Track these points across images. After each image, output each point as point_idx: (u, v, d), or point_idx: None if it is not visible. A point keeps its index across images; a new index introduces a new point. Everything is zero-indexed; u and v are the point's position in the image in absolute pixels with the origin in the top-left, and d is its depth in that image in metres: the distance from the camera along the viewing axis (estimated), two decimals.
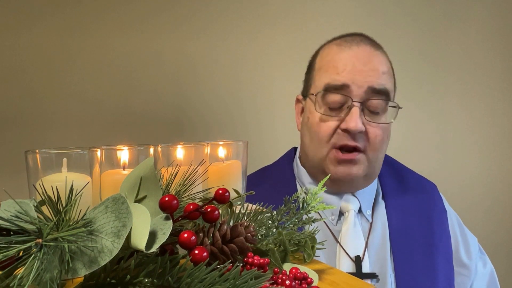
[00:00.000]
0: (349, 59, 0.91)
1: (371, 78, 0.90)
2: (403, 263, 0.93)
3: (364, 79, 0.90)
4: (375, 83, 0.90)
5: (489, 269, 1.03)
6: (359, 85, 0.90)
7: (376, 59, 0.93)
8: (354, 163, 0.92)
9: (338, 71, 0.91)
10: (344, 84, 0.90)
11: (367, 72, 0.90)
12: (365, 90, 0.90)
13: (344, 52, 0.93)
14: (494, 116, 1.71)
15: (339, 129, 0.91)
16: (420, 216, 0.99)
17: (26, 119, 1.31)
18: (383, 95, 0.92)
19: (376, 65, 0.92)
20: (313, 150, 0.96)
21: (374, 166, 0.96)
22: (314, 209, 0.59)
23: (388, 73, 0.94)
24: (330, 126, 0.92)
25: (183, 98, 1.44)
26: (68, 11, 1.34)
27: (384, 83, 0.92)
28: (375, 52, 0.94)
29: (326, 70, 0.94)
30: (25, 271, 0.34)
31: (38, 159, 0.50)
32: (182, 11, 1.43)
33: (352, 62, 0.91)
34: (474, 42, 1.68)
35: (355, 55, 0.92)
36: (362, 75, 0.90)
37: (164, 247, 0.43)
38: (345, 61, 0.91)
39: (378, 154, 0.95)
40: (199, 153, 0.61)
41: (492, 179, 1.71)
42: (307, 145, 0.98)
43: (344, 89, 0.90)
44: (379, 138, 0.93)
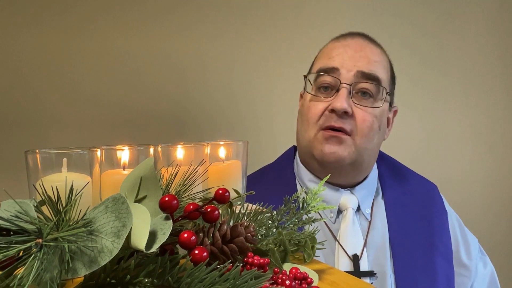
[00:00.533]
0: (342, 47, 0.96)
1: (361, 63, 0.93)
2: (403, 263, 0.93)
3: (354, 64, 0.93)
4: (364, 68, 0.93)
5: (489, 269, 1.03)
6: (348, 69, 0.93)
7: (368, 49, 0.96)
8: (339, 141, 0.92)
9: (330, 56, 0.96)
10: (333, 67, 0.94)
11: (357, 58, 0.94)
12: (354, 73, 0.93)
13: (339, 42, 0.99)
14: (493, 115, 1.71)
15: (326, 110, 0.93)
16: (420, 216, 0.99)
17: (26, 119, 1.31)
18: (373, 82, 0.93)
19: (367, 53, 0.95)
20: (303, 132, 0.98)
21: (363, 155, 0.95)
22: (314, 209, 0.59)
23: (380, 63, 0.96)
24: (318, 107, 0.94)
25: (183, 98, 1.44)
26: (68, 12, 1.34)
27: (375, 70, 0.94)
28: (368, 44, 0.98)
29: (320, 57, 1.00)
30: (25, 271, 0.34)
31: (38, 159, 0.50)
32: (182, 12, 1.43)
33: (344, 49, 0.96)
34: (472, 42, 1.68)
35: (348, 44, 0.97)
36: (352, 59, 0.94)
37: (164, 247, 0.43)
38: (338, 49, 0.97)
39: (366, 142, 0.94)
40: (199, 153, 0.61)
41: (491, 179, 1.71)
42: (299, 129, 1.00)
43: (334, 72, 0.94)
44: (367, 123, 0.93)
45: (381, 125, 0.96)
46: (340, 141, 0.92)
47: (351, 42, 0.97)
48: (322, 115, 0.93)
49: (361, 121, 0.92)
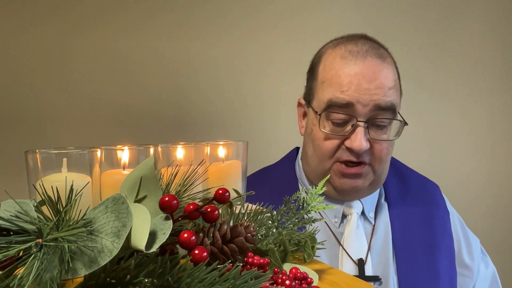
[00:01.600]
0: (355, 76, 0.87)
1: (377, 96, 0.87)
2: (406, 265, 0.92)
3: (370, 98, 0.86)
4: (381, 101, 0.87)
5: (491, 270, 1.03)
6: (364, 104, 0.86)
7: (382, 74, 0.88)
8: (359, 176, 0.91)
9: (342, 88, 0.87)
10: (348, 103, 0.87)
11: (373, 90, 0.87)
12: (371, 108, 0.87)
13: (349, 67, 0.88)
14: (494, 115, 1.70)
15: (343, 145, 0.90)
16: (423, 217, 0.99)
17: (26, 119, 1.31)
18: (389, 111, 0.89)
19: (383, 81, 0.88)
20: (315, 162, 0.94)
21: (380, 176, 0.95)
22: (314, 209, 0.59)
23: (394, 87, 0.90)
24: (334, 143, 0.90)
25: (184, 98, 1.44)
26: (68, 12, 1.34)
27: (391, 99, 0.88)
28: (381, 65, 0.89)
29: (329, 85, 0.90)
30: (25, 271, 0.34)
31: (38, 159, 0.50)
32: (183, 11, 1.43)
33: (358, 80, 0.87)
34: (473, 41, 1.68)
35: (361, 72, 0.87)
36: (367, 93, 0.86)
37: (164, 247, 0.43)
38: (350, 78, 0.87)
39: (383, 165, 0.93)
40: (199, 153, 0.61)
41: (492, 179, 1.70)
42: (310, 156, 0.96)
43: (349, 107, 0.87)
44: (385, 152, 0.91)
45: (393, 144, 0.95)
46: (360, 176, 0.91)
47: (363, 68, 0.87)
48: (338, 149, 0.90)
49: (379, 151, 0.91)
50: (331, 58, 0.92)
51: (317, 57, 0.98)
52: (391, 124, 0.92)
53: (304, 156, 1.00)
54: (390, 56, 0.94)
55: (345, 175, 0.91)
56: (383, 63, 0.90)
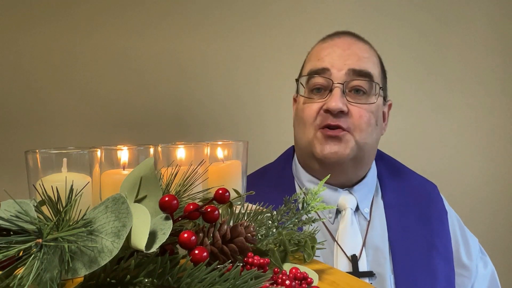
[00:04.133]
0: (330, 47, 0.97)
1: (350, 61, 0.93)
2: (403, 263, 0.93)
3: (344, 62, 0.93)
4: (355, 65, 0.93)
5: (490, 270, 1.03)
6: (339, 68, 0.93)
7: (355, 46, 0.96)
8: (339, 140, 0.92)
9: (319, 57, 0.96)
10: (324, 68, 0.94)
11: (346, 56, 0.94)
12: (346, 72, 0.93)
13: (326, 43, 0.99)
14: (496, 116, 1.70)
15: (321, 110, 0.93)
16: (420, 217, 0.99)
17: (26, 119, 1.31)
18: (366, 78, 0.94)
19: (356, 51, 0.95)
20: (300, 134, 0.98)
21: (363, 150, 0.95)
22: (314, 209, 0.59)
23: (369, 59, 0.96)
24: (313, 108, 0.94)
25: (184, 98, 1.44)
26: (69, 12, 1.34)
27: (365, 66, 0.94)
28: (356, 41, 0.98)
29: (309, 60, 1.00)
30: (25, 271, 0.34)
31: (38, 159, 0.50)
32: (184, 12, 1.43)
33: (333, 49, 0.96)
34: (477, 40, 1.68)
35: (335, 44, 0.97)
36: (341, 58, 0.94)
37: (164, 247, 0.43)
38: (326, 49, 0.97)
39: (365, 137, 0.94)
40: (199, 153, 0.61)
41: (495, 179, 1.70)
42: (296, 132, 1.01)
43: (325, 73, 0.94)
44: (365, 119, 0.93)
45: (378, 120, 0.97)
46: (340, 139, 0.92)
47: (338, 41, 0.97)
48: (317, 115, 0.94)
49: (358, 117, 0.93)
50: (315, 46, 1.03)
51: None
52: (371, 94, 0.95)
53: (295, 139, 1.03)
54: (369, 45, 1.01)
55: (325, 138, 0.93)
56: (358, 41, 0.99)
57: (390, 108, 1.04)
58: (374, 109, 0.95)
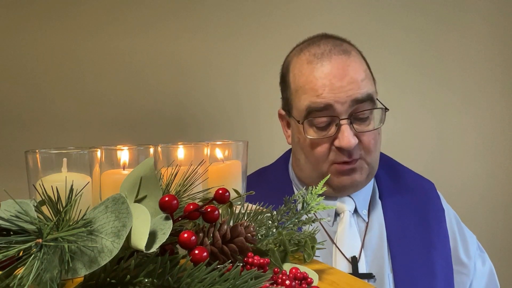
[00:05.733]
0: (326, 78, 0.89)
1: (352, 91, 0.88)
2: (401, 263, 0.93)
3: (346, 94, 0.88)
4: (357, 95, 0.89)
5: (488, 267, 1.03)
6: (342, 102, 0.88)
7: (351, 69, 0.90)
8: (355, 171, 0.93)
9: (317, 92, 0.89)
10: (327, 105, 0.88)
11: (346, 87, 0.88)
12: (349, 104, 0.88)
13: (318, 70, 0.90)
14: (494, 115, 1.70)
15: (333, 146, 0.91)
16: (418, 215, 0.99)
17: (26, 119, 1.31)
18: (367, 101, 0.91)
19: (354, 76, 0.89)
20: (310, 168, 0.96)
21: (373, 166, 0.97)
22: (314, 209, 0.59)
23: (366, 77, 0.92)
24: (324, 147, 0.92)
25: (184, 98, 1.44)
26: (70, 12, 1.34)
27: (366, 90, 0.90)
28: (348, 60, 0.91)
29: (304, 92, 0.91)
30: (25, 271, 0.34)
31: (38, 159, 0.50)
32: (184, 13, 1.43)
33: (329, 80, 0.88)
34: (475, 40, 1.68)
35: (330, 72, 0.89)
36: (342, 90, 0.88)
37: (164, 247, 0.43)
38: (322, 81, 0.89)
39: (374, 155, 0.95)
40: (199, 153, 0.61)
41: (493, 177, 1.70)
42: (303, 163, 0.97)
43: (328, 109, 0.89)
44: (373, 142, 0.93)
45: (380, 131, 0.97)
46: (355, 170, 0.92)
47: (331, 68, 0.89)
48: (329, 151, 0.92)
49: (367, 143, 0.92)
50: (298, 66, 0.94)
51: (284, 67, 1.01)
52: (372, 114, 0.93)
53: (297, 163, 1.01)
54: (354, 48, 0.96)
55: (343, 173, 0.92)
56: (349, 58, 0.91)
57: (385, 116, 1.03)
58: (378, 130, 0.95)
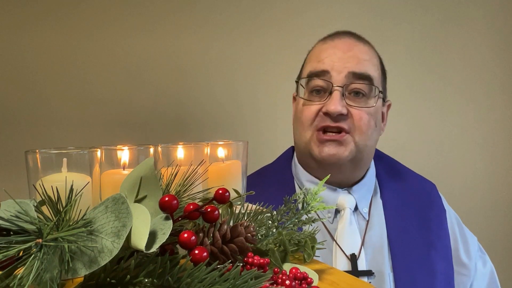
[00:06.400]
0: (330, 49, 0.96)
1: (351, 64, 0.93)
2: (402, 262, 0.93)
3: (344, 65, 0.93)
4: (355, 68, 0.93)
5: (489, 268, 1.03)
6: (339, 71, 0.92)
7: (356, 48, 0.96)
8: (339, 143, 0.93)
9: (319, 59, 0.96)
10: (324, 70, 0.93)
11: (346, 59, 0.94)
12: (345, 75, 0.92)
13: (327, 43, 0.98)
14: (496, 115, 1.71)
15: (320, 112, 0.93)
16: (419, 215, 0.99)
17: (26, 119, 1.31)
18: (365, 80, 0.93)
19: (356, 53, 0.95)
20: (298, 134, 0.98)
21: (362, 153, 0.96)
22: (314, 209, 0.59)
23: (370, 61, 0.96)
24: (312, 110, 0.94)
25: (184, 98, 1.44)
26: (70, 12, 1.34)
27: (365, 69, 0.94)
28: (356, 42, 0.97)
29: (309, 61, 0.99)
30: (25, 271, 0.34)
31: (38, 159, 0.50)
32: (184, 12, 1.43)
33: (333, 51, 0.95)
34: (477, 39, 1.68)
35: (336, 45, 0.96)
36: (341, 61, 0.93)
37: (164, 247, 0.43)
38: (326, 51, 0.96)
39: (365, 139, 0.94)
40: (199, 153, 0.61)
41: (495, 178, 1.70)
42: (295, 132, 1.01)
43: (325, 75, 0.93)
44: (365, 121, 0.93)
45: (377, 121, 0.97)
46: (340, 143, 0.93)
47: (339, 43, 0.97)
48: (316, 117, 0.94)
49: (358, 119, 0.93)
50: (315, 45, 1.03)
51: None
52: (371, 97, 0.95)
53: (294, 138, 1.03)
54: (370, 45, 1.00)
55: (322, 141, 0.93)
56: (358, 42, 0.98)
57: (389, 108, 1.04)
58: (373, 111, 0.95)
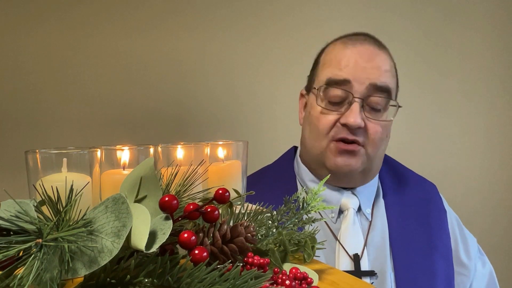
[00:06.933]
0: (352, 56, 0.93)
1: (373, 76, 0.91)
2: (403, 262, 0.93)
3: (366, 76, 0.91)
4: (377, 80, 0.91)
5: (488, 269, 1.03)
6: (360, 82, 0.91)
7: (378, 58, 0.93)
8: (353, 154, 0.93)
9: (340, 66, 0.92)
10: (345, 79, 0.91)
11: (369, 70, 0.91)
12: (367, 86, 0.91)
13: (348, 49, 0.94)
14: (498, 116, 1.70)
15: (338, 123, 0.92)
16: (420, 216, 0.99)
17: (26, 119, 1.31)
18: (385, 93, 0.93)
19: (379, 63, 0.93)
20: (312, 142, 0.97)
21: (372, 163, 0.97)
22: (314, 209, 0.59)
23: (390, 72, 0.95)
24: (329, 120, 0.93)
25: (184, 98, 1.44)
26: (69, 12, 1.34)
27: (386, 81, 0.92)
28: (378, 51, 0.95)
29: (329, 65, 0.95)
30: (25, 271, 0.34)
31: (38, 159, 0.50)
32: (184, 12, 1.43)
33: (355, 59, 0.92)
34: (474, 40, 1.68)
35: (358, 52, 0.93)
36: (364, 71, 0.91)
37: (164, 247, 0.43)
38: (348, 57, 0.93)
39: (377, 151, 0.95)
40: (199, 153, 0.61)
41: (496, 180, 1.70)
42: (307, 138, 0.99)
43: (346, 84, 0.91)
44: (379, 134, 0.93)
45: (388, 132, 0.98)
46: (354, 154, 0.92)
47: (361, 50, 0.94)
48: (333, 127, 0.93)
49: (373, 133, 0.93)
50: (332, 45, 0.99)
51: (320, 52, 1.03)
52: (386, 109, 0.95)
53: (302, 142, 1.02)
54: (388, 52, 0.98)
55: (340, 151, 0.92)
56: (380, 49, 0.96)
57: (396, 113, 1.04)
58: (387, 124, 0.96)
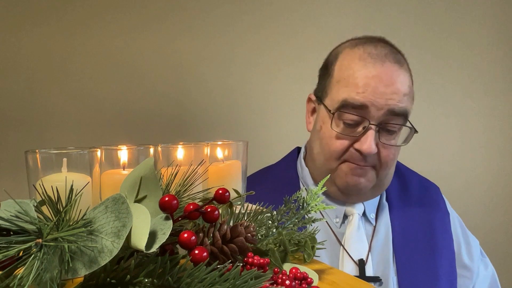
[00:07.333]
0: (372, 79, 0.87)
1: (392, 101, 0.87)
2: (405, 266, 0.93)
3: (385, 102, 0.86)
4: (395, 106, 0.87)
5: (490, 271, 1.03)
6: (378, 107, 0.86)
7: (399, 80, 0.88)
8: (364, 175, 0.91)
9: (358, 89, 0.87)
10: (363, 104, 0.86)
11: (389, 95, 0.86)
12: (384, 112, 0.87)
13: (367, 69, 0.88)
14: (499, 117, 1.70)
15: (352, 148, 0.90)
16: (423, 219, 0.99)
17: (26, 119, 1.31)
18: (401, 117, 0.89)
19: (399, 87, 0.87)
20: (321, 161, 0.94)
21: (383, 181, 0.96)
22: (314, 209, 0.59)
23: (409, 94, 0.90)
24: (343, 144, 0.90)
25: (184, 98, 1.44)
26: (69, 12, 1.34)
27: (404, 105, 0.88)
28: (399, 70, 0.89)
29: (345, 84, 0.89)
30: (25, 271, 0.34)
31: (38, 159, 0.50)
32: (182, 12, 1.43)
33: (375, 82, 0.86)
34: (477, 39, 1.68)
35: (378, 75, 0.87)
36: (383, 97, 0.86)
37: (164, 247, 0.43)
38: (367, 80, 0.87)
39: (388, 171, 0.94)
40: (199, 153, 0.61)
41: (498, 181, 1.70)
42: (316, 153, 0.96)
43: (363, 109, 0.87)
44: (391, 157, 0.92)
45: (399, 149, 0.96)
46: (364, 175, 0.91)
47: (381, 72, 0.87)
48: (346, 151, 0.90)
49: (385, 155, 0.91)
50: (348, 58, 0.91)
51: (333, 55, 0.97)
52: (400, 131, 0.92)
53: (310, 152, 1.00)
54: (406, 63, 0.94)
55: (352, 171, 0.91)
56: (400, 69, 0.89)
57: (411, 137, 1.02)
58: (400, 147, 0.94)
